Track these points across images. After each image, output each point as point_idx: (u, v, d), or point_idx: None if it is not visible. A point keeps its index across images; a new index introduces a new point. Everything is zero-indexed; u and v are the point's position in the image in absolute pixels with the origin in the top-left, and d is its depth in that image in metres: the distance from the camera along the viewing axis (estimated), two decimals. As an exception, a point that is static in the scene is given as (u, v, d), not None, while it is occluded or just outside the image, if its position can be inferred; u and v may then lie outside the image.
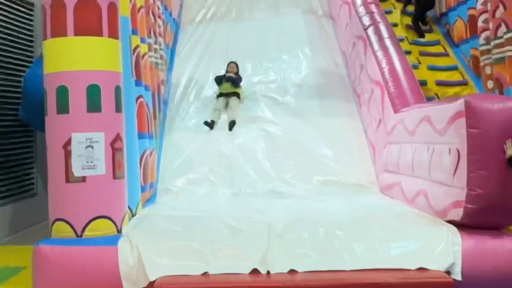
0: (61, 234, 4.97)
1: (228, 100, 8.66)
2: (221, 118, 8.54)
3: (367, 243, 4.81)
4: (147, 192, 6.69)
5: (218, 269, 4.56)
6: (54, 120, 5.09)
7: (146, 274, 4.55)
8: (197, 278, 4.49)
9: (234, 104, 8.62)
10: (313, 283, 4.40)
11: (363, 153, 7.99)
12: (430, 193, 5.62)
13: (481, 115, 4.87)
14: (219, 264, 4.59)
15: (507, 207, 4.86)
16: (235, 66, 8.95)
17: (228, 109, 8.60)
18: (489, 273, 4.69)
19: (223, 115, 8.57)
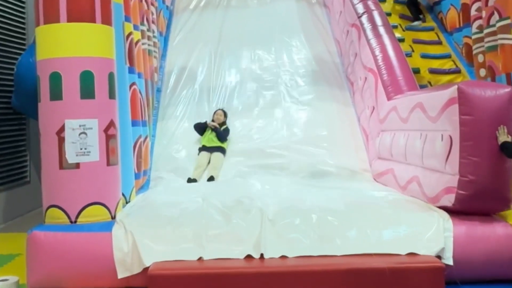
0: (55, 220, 4.99)
1: (211, 156, 7.59)
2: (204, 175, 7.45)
3: (359, 228, 4.85)
4: (141, 179, 6.70)
5: (212, 255, 4.60)
6: (47, 106, 5.08)
7: (141, 259, 4.57)
8: (190, 264, 4.52)
9: (217, 162, 7.52)
10: (305, 268, 4.43)
11: (356, 141, 8.02)
12: (423, 179, 5.65)
13: (474, 102, 4.90)
14: (213, 250, 4.62)
15: (499, 194, 4.91)
16: (222, 114, 7.92)
17: (210, 165, 7.52)
18: (480, 258, 4.74)
19: (206, 172, 7.48)
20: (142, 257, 4.55)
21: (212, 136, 7.69)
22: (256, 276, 4.36)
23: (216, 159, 7.52)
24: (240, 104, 8.61)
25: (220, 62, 9.38)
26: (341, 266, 4.44)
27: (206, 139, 7.70)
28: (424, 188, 5.58)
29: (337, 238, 4.75)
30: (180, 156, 7.75)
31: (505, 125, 4.83)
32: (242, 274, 4.37)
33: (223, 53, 9.57)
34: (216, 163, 7.48)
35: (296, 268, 4.43)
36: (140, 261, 4.59)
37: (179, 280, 4.31)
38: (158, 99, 8.61)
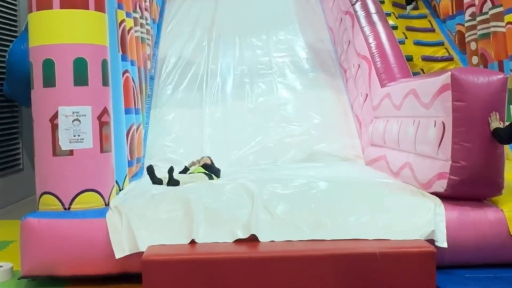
0: (49, 207, 4.99)
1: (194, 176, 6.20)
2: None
3: (351, 213, 4.88)
4: (134, 167, 6.71)
5: (204, 238, 4.62)
6: (40, 93, 5.07)
7: (136, 244, 4.58)
8: (184, 249, 4.53)
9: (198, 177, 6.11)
10: (296, 253, 4.45)
11: (350, 128, 8.07)
12: (415, 165, 5.69)
13: (467, 88, 4.92)
14: (205, 233, 4.64)
15: (490, 179, 4.94)
16: (208, 159, 6.64)
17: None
18: (472, 243, 4.79)
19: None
20: (137, 241, 4.56)
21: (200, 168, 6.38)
22: (248, 261, 4.38)
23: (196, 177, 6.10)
24: (234, 92, 8.61)
25: (213, 50, 9.36)
26: (333, 251, 4.45)
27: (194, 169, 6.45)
28: (416, 174, 5.62)
29: (329, 223, 4.77)
30: (173, 144, 7.74)
31: (497, 111, 4.85)
32: (234, 259, 4.39)
33: (216, 41, 9.55)
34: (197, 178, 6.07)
35: (286, 253, 4.45)
36: (136, 245, 4.60)
37: (173, 266, 4.32)
38: (151, 86, 8.60)
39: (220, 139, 7.80)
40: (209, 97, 8.47)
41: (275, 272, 4.33)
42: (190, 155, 7.50)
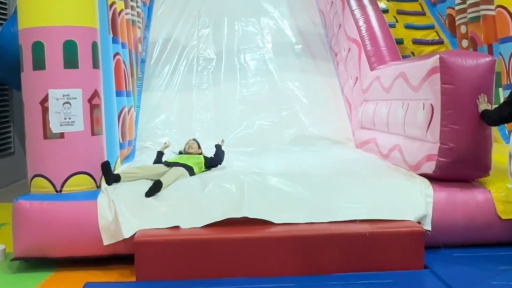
0: (40, 189, 5.01)
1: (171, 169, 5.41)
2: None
3: (343, 195, 4.93)
4: (126, 149, 6.72)
5: (191, 223, 4.63)
6: (30, 76, 5.06)
7: (122, 232, 4.58)
8: (175, 230, 4.57)
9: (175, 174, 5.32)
10: (288, 234, 4.51)
11: (340, 111, 8.11)
12: (404, 148, 5.74)
13: (455, 71, 4.95)
14: (192, 218, 4.66)
15: (478, 161, 5.00)
16: (195, 144, 6.06)
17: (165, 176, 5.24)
18: (460, 223, 4.85)
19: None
20: (122, 228, 4.58)
21: (192, 157, 5.79)
22: (239, 241, 4.43)
23: (176, 172, 5.34)
24: (224, 75, 8.61)
25: (204, 33, 9.34)
26: (325, 232, 4.52)
27: (178, 157, 5.83)
28: (405, 156, 5.67)
29: (321, 205, 4.82)
30: (164, 127, 7.76)
31: (485, 94, 4.90)
32: (226, 240, 4.45)
33: (206, 23, 9.52)
34: (174, 175, 5.27)
35: (279, 234, 4.51)
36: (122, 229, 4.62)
37: (165, 246, 4.37)
38: (143, 70, 8.59)
39: (211, 122, 7.85)
40: (200, 80, 8.48)
41: (262, 252, 4.40)
42: (181, 137, 7.52)
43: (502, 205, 4.87)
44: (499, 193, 4.93)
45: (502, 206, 4.87)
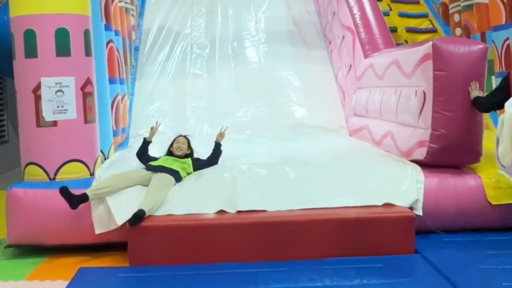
0: (34, 177, 5.03)
1: (153, 177, 4.84)
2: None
3: (336, 181, 4.96)
4: (120, 136, 6.73)
5: (184, 211, 4.66)
6: (22, 64, 5.06)
7: (114, 221, 4.59)
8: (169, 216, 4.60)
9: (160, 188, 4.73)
10: (283, 219, 4.55)
11: (333, 98, 8.13)
12: (397, 134, 5.77)
13: (448, 58, 4.97)
14: (185, 206, 4.69)
15: (469, 147, 5.04)
16: (186, 143, 5.31)
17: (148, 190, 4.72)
18: (451, 208, 4.90)
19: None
20: (114, 216, 4.59)
21: (178, 161, 5.11)
22: (231, 226, 4.48)
23: (161, 181, 4.78)
24: (218, 63, 8.61)
25: (197, 21, 9.32)
26: (319, 217, 4.57)
27: (164, 160, 5.12)
28: (397, 143, 5.71)
29: (314, 192, 4.85)
30: (158, 114, 7.76)
31: (477, 81, 4.92)
32: (219, 225, 4.50)
33: (201, 11, 9.50)
34: (158, 188, 4.69)
35: (273, 220, 4.55)
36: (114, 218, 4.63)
37: (157, 232, 4.40)
38: (136, 57, 8.58)
39: (204, 110, 7.87)
40: (194, 68, 8.47)
41: (254, 237, 4.44)
42: (175, 125, 7.56)
43: (492, 190, 4.92)
44: (490, 179, 4.98)
45: (492, 192, 4.91)
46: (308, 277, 4.05)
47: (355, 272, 4.13)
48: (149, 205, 4.50)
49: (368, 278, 4.02)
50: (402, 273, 4.14)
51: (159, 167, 4.96)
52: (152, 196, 4.60)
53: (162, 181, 4.78)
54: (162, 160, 5.10)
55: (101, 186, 4.71)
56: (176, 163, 5.06)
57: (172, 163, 5.03)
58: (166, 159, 5.11)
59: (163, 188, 4.72)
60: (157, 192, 4.65)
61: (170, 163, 5.03)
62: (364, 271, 4.15)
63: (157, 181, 4.76)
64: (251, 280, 4.02)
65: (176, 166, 5.02)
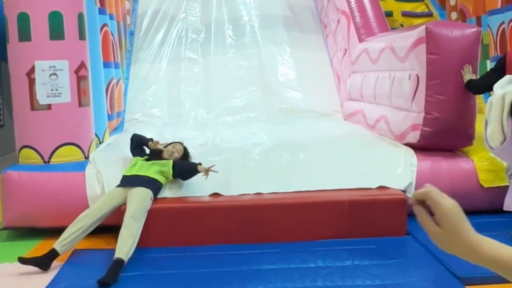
0: (29, 160, 5.05)
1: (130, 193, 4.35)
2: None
3: (330, 165, 5.00)
4: (115, 120, 6.75)
5: (179, 193, 4.70)
6: (16, 48, 5.07)
7: None
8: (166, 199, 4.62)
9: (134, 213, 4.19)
10: (276, 201, 4.59)
11: (329, 83, 8.13)
12: (390, 118, 5.79)
13: (441, 41, 4.98)
14: (180, 189, 4.72)
15: (462, 130, 5.07)
16: (182, 151, 4.88)
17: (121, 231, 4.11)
18: (444, 191, 4.83)
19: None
20: None
21: (156, 163, 4.62)
22: (226, 209, 4.52)
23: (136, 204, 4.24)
24: (214, 47, 8.58)
25: (192, 5, 9.28)
26: (314, 199, 4.60)
27: (139, 166, 4.59)
28: (391, 126, 5.73)
29: (309, 175, 4.89)
30: (153, 99, 7.77)
31: (470, 64, 4.94)
32: (213, 208, 4.54)
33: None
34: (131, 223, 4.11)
35: (268, 202, 4.61)
36: None
37: (153, 215, 4.41)
38: (131, 42, 8.55)
39: (200, 94, 7.87)
40: (189, 52, 8.46)
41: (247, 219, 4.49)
42: (171, 110, 7.57)
43: (485, 173, 4.96)
44: (482, 162, 5.01)
45: (485, 175, 4.95)
46: (300, 258, 4.10)
47: (347, 253, 4.18)
48: (125, 249, 3.94)
49: (360, 259, 4.06)
50: (394, 254, 4.18)
51: (133, 177, 4.47)
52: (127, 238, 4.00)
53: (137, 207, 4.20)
54: (137, 166, 4.57)
55: (68, 235, 4.10)
56: (153, 167, 4.53)
57: (148, 169, 4.52)
58: (142, 164, 4.58)
59: (138, 218, 4.16)
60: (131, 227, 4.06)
61: (146, 169, 4.51)
62: (356, 252, 4.19)
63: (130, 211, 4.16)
64: (244, 261, 4.07)
65: (153, 172, 4.50)
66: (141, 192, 4.33)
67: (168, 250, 4.28)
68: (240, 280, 3.75)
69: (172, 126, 6.91)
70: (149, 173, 4.49)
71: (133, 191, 4.33)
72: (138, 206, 4.23)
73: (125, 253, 3.92)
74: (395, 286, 3.60)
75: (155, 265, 4.06)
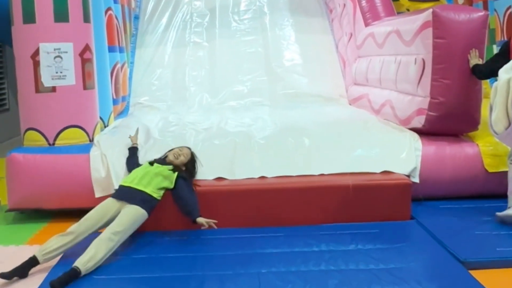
0: (33, 142, 5.06)
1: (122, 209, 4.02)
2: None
3: (335, 149, 4.99)
4: (120, 105, 6.74)
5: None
6: (21, 30, 5.05)
7: (113, 185, 4.60)
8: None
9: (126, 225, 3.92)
10: (280, 185, 4.59)
11: (334, 68, 8.10)
12: (396, 103, 5.77)
13: (448, 25, 4.94)
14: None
15: (468, 115, 5.04)
16: (189, 155, 4.57)
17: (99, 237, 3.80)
18: (448, 176, 4.92)
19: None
20: (113, 180, 4.62)
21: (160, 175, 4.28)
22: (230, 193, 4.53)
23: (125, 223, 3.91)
24: (219, 31, 8.55)
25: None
26: (319, 183, 4.60)
27: (140, 177, 4.24)
28: (396, 111, 5.71)
29: (314, 159, 4.88)
30: (158, 82, 7.77)
31: (477, 49, 4.90)
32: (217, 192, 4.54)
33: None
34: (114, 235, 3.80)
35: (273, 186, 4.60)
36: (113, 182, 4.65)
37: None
38: (136, 26, 8.53)
39: (205, 79, 7.85)
40: (194, 36, 8.43)
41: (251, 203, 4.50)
42: (175, 94, 7.56)
43: (490, 158, 4.94)
44: (487, 147, 4.99)
45: (489, 160, 4.93)
46: (304, 242, 4.10)
47: (351, 237, 4.18)
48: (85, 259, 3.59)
49: (364, 243, 4.07)
50: (397, 238, 4.18)
51: (130, 191, 4.11)
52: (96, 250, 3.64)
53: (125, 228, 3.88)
54: (139, 175, 4.23)
55: (53, 246, 3.76)
56: (155, 180, 4.21)
57: (150, 182, 4.18)
58: (144, 174, 4.23)
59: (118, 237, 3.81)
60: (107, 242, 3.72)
61: (147, 182, 4.17)
62: (360, 236, 4.20)
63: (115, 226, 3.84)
64: (248, 245, 4.08)
65: (153, 188, 4.16)
66: (135, 212, 3.99)
67: (172, 234, 4.29)
68: (243, 263, 3.76)
69: (177, 111, 6.91)
70: (148, 189, 4.14)
71: (127, 208, 3.99)
72: (126, 226, 3.89)
73: (83, 263, 3.57)
74: (398, 270, 3.60)
75: (157, 248, 4.07)
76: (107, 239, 3.73)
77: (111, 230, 3.80)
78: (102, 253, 3.66)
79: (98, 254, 3.64)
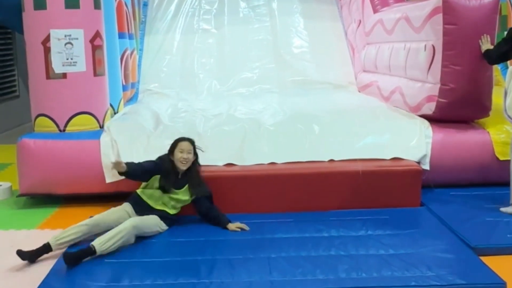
0: (44, 128, 5.09)
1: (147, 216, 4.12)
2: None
3: (344, 136, 5.00)
4: (129, 91, 6.75)
5: None
6: (31, 16, 5.07)
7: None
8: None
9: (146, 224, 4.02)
10: (290, 171, 4.60)
11: (343, 55, 8.07)
12: (405, 89, 5.75)
13: (458, 11, 4.91)
14: None
15: (478, 101, 5.02)
16: (191, 150, 4.28)
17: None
18: (459, 163, 4.91)
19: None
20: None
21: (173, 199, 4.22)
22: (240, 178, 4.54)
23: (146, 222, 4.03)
24: (228, 18, 8.52)
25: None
26: (329, 169, 4.61)
27: (157, 197, 4.21)
28: (406, 98, 5.69)
29: (323, 145, 4.89)
30: (167, 69, 7.77)
31: (488, 34, 4.87)
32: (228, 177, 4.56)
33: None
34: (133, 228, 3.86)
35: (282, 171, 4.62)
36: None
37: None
38: (145, 13, 8.51)
39: (213, 66, 7.85)
40: (203, 23, 8.41)
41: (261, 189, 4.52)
42: (184, 81, 7.57)
43: (500, 146, 4.92)
44: (498, 135, 4.98)
45: (500, 148, 4.92)
46: (314, 227, 4.12)
47: (361, 223, 4.20)
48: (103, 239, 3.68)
49: (374, 229, 4.08)
50: (407, 224, 4.19)
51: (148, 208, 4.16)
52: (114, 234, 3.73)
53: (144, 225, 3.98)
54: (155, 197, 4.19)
55: (67, 235, 3.82)
56: (171, 202, 4.22)
57: (166, 204, 4.22)
58: (160, 197, 4.19)
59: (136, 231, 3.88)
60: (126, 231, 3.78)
61: (163, 204, 4.21)
62: (370, 222, 4.21)
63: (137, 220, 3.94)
64: (258, 230, 4.10)
65: (170, 209, 4.22)
66: (159, 223, 4.10)
67: (183, 219, 4.31)
68: (253, 248, 3.78)
69: (186, 97, 6.92)
70: (166, 208, 4.20)
71: (147, 216, 4.07)
72: (146, 227, 3.99)
73: (99, 243, 3.65)
74: (408, 255, 3.61)
75: (167, 233, 4.10)
76: (127, 230, 3.79)
77: (133, 223, 3.87)
78: (119, 241, 3.73)
79: (115, 240, 3.72)
